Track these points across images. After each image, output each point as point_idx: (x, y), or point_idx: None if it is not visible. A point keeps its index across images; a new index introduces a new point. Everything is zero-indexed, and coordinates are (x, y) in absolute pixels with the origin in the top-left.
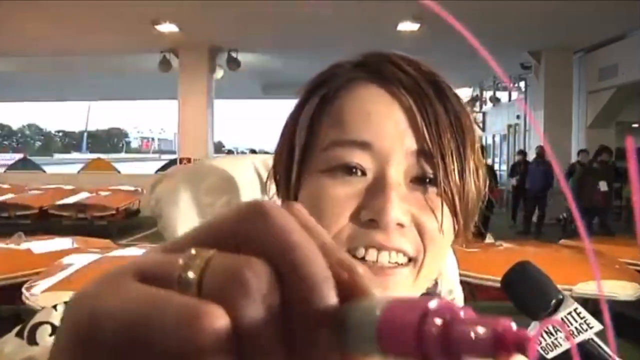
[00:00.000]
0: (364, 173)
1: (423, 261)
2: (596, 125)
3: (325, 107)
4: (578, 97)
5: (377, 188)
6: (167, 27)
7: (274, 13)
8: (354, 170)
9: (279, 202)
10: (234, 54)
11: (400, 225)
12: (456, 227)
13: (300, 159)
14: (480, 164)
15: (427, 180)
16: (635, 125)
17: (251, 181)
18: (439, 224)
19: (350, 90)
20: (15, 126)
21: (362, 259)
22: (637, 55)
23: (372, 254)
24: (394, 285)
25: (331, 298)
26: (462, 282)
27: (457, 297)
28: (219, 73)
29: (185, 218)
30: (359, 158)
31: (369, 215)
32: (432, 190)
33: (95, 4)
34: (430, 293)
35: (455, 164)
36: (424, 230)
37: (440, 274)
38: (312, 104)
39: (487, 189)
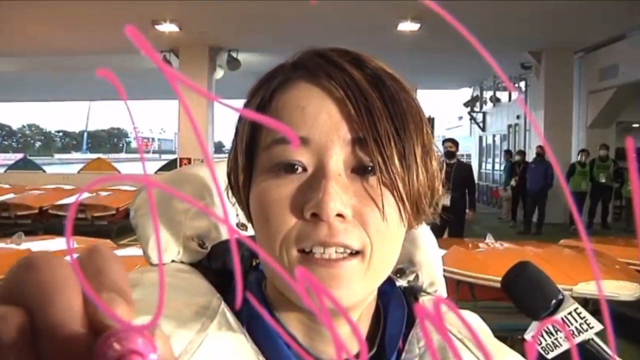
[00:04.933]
0: (305, 169)
1: (372, 254)
2: (596, 125)
3: (264, 109)
4: (578, 97)
5: (316, 181)
6: (167, 27)
7: (274, 13)
8: (295, 167)
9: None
10: (234, 54)
11: (341, 216)
12: (404, 214)
13: (245, 162)
14: (432, 146)
15: (368, 168)
16: (636, 125)
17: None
18: (381, 213)
19: (284, 91)
20: (15, 126)
21: (310, 252)
22: (637, 55)
23: (318, 249)
24: (344, 276)
25: (74, 340)
26: (462, 282)
27: (440, 289)
28: (219, 73)
29: (157, 228)
30: (299, 154)
31: (310, 210)
32: (372, 178)
33: (95, 4)
34: (413, 285)
35: (394, 149)
36: (366, 222)
37: (420, 266)
38: (252, 107)
39: (442, 173)
